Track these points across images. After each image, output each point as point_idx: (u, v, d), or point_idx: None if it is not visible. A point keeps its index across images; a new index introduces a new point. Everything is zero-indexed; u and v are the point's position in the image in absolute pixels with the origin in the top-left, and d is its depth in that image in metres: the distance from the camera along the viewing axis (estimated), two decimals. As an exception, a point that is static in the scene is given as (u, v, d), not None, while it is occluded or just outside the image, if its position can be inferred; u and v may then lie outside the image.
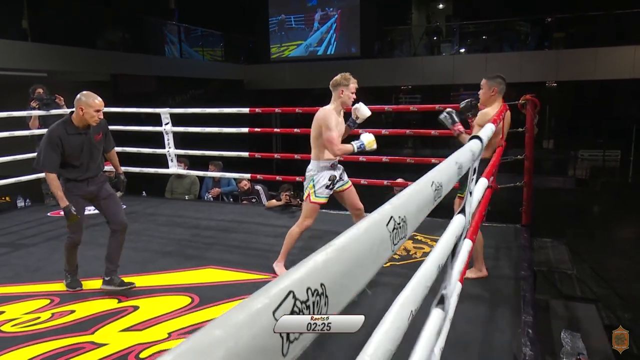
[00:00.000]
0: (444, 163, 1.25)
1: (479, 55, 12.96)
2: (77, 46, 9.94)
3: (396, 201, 0.78)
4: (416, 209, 0.89)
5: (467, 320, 2.57)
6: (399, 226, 0.74)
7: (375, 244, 0.66)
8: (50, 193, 5.81)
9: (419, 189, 0.96)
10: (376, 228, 0.68)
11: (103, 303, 3.05)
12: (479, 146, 1.66)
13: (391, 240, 0.70)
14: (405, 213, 0.79)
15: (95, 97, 3.02)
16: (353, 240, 0.62)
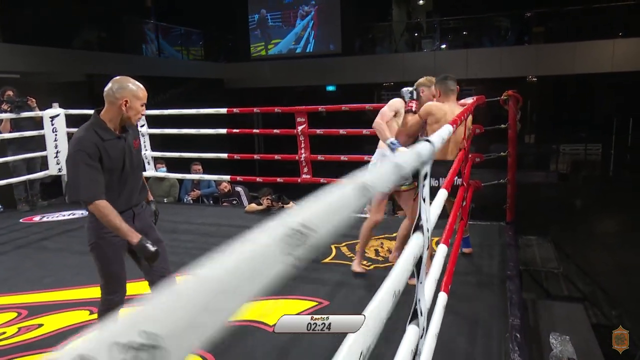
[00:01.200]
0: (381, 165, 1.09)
1: (460, 51, 12.97)
2: (51, 46, 9.66)
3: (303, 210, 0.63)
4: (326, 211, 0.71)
5: (452, 325, 2.49)
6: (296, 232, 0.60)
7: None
8: (23, 198, 5.61)
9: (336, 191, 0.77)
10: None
11: (73, 315, 2.90)
12: (429, 150, 1.52)
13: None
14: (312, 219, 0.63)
15: (140, 85, 2.20)
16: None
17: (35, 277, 3.55)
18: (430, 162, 1.37)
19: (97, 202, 2.03)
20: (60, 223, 5.01)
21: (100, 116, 2.13)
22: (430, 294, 1.70)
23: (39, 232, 4.72)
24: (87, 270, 3.64)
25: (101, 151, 2.06)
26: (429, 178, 1.51)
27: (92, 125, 2.11)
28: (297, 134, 4.71)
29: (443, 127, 2.01)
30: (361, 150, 7.93)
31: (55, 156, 5.65)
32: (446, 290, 2.25)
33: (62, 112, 5.64)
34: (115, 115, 2.12)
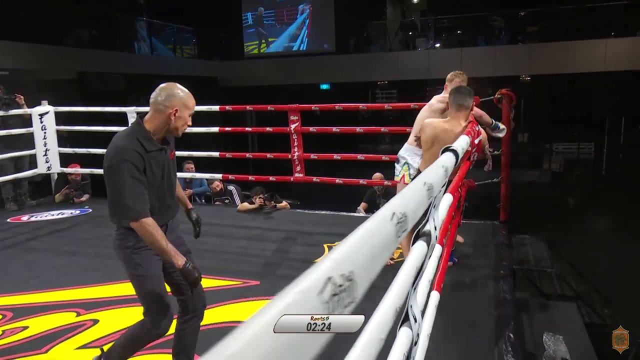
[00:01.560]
0: (411, 187, 1.05)
1: (454, 50, 12.97)
2: (42, 43, 9.55)
3: (337, 255, 0.56)
4: (370, 255, 0.65)
5: (446, 326, 2.46)
6: (340, 289, 0.53)
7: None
8: (11, 197, 5.52)
9: (373, 228, 0.71)
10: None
11: (60, 317, 2.84)
12: (453, 162, 1.50)
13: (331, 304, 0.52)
14: (352, 267, 0.57)
15: (189, 93, 1.99)
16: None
17: (22, 278, 3.48)
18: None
19: (143, 220, 1.84)
20: (49, 223, 4.94)
21: (145, 124, 1.92)
22: (423, 297, 1.66)
23: (27, 232, 4.65)
24: (73, 271, 3.60)
25: (145, 163, 1.88)
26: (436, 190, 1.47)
27: (135, 133, 1.91)
28: (289, 132, 4.66)
29: (461, 137, 1.96)
30: (354, 149, 7.89)
31: (44, 154, 5.57)
32: (439, 289, 2.22)
33: (52, 109, 5.56)
34: (162, 125, 1.92)
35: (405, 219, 0.87)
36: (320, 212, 5.06)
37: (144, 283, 1.98)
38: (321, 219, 4.84)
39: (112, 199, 1.89)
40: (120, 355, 2.14)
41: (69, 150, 5.78)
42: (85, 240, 4.34)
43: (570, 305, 3.02)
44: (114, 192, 1.87)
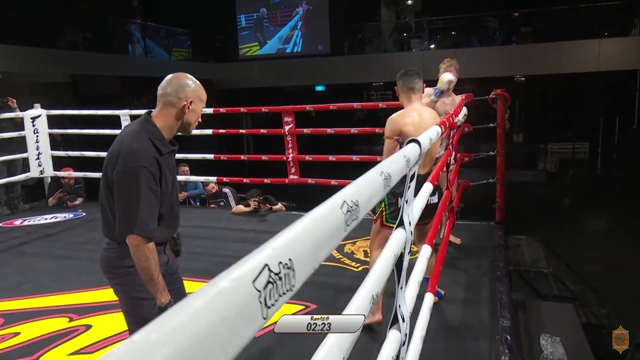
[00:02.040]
0: (365, 176, 1.04)
1: (449, 51, 12.98)
2: (35, 46, 9.49)
3: (277, 242, 0.55)
4: (314, 243, 0.63)
5: (441, 328, 2.44)
6: (276, 277, 0.50)
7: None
8: (4, 201, 5.47)
9: (320, 216, 0.69)
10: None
11: (52, 323, 2.80)
12: (417, 151, 1.46)
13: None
14: (292, 255, 0.55)
15: (200, 84, 1.81)
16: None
17: (14, 283, 3.44)
18: (418, 162, 1.31)
19: (148, 240, 1.60)
20: (42, 227, 4.89)
21: (154, 121, 1.70)
22: (412, 299, 1.64)
23: (20, 236, 4.60)
24: (66, 275, 3.56)
25: (161, 170, 1.65)
26: (415, 179, 1.46)
27: (146, 133, 1.66)
28: (284, 133, 4.63)
29: (431, 129, 1.93)
30: (350, 151, 7.87)
31: (36, 158, 5.52)
32: (433, 291, 2.20)
33: (44, 112, 5.51)
34: (174, 122, 1.70)
35: (357, 207, 0.85)
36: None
37: (145, 307, 1.70)
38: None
39: (122, 207, 1.61)
40: None
41: (62, 154, 5.73)
42: (78, 245, 4.30)
43: (567, 306, 3.01)
44: (126, 200, 1.60)
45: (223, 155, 5.18)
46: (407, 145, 1.32)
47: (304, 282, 0.57)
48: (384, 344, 1.27)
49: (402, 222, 1.32)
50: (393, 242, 1.22)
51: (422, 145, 1.36)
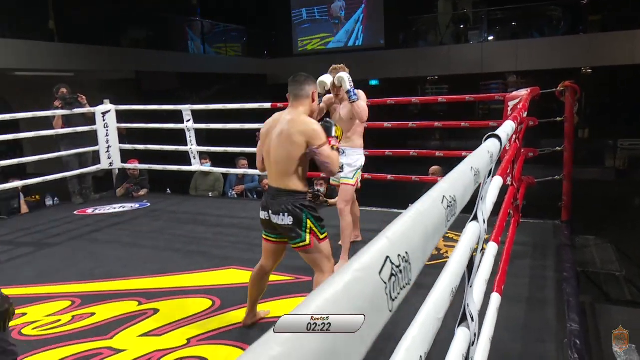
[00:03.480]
0: (457, 171, 1.02)
1: (509, 42, 12.49)
2: (102, 45, 10.01)
3: (392, 235, 0.55)
4: (423, 238, 0.64)
5: (505, 329, 2.37)
6: (398, 270, 0.51)
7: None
8: (77, 191, 5.83)
9: (425, 211, 0.70)
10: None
11: (123, 306, 2.97)
12: (498, 146, 1.44)
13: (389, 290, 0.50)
14: (407, 249, 0.56)
15: None
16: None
17: (87, 267, 3.67)
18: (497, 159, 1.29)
19: None
20: (111, 216, 5.18)
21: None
22: (480, 297, 1.61)
23: (91, 224, 4.90)
24: (134, 262, 3.75)
25: None
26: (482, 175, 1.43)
27: None
28: (340, 128, 4.64)
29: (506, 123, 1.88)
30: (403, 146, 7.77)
31: (106, 151, 5.84)
32: (499, 291, 2.14)
33: (113, 108, 5.82)
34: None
35: (455, 203, 0.85)
36: (372, 209, 5.01)
37: None
38: (372, 216, 4.79)
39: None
40: None
41: (128, 147, 6.04)
42: (144, 234, 4.52)
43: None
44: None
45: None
46: (488, 141, 1.29)
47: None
48: (453, 342, 1.25)
49: (477, 217, 1.30)
50: (468, 235, 1.20)
51: (502, 140, 1.33)
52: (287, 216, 2.28)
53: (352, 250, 3.54)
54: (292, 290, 3.11)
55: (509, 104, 3.91)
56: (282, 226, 2.32)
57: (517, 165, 3.13)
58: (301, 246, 2.34)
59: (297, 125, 2.27)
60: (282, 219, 2.30)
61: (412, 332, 0.73)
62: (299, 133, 2.25)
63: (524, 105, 2.95)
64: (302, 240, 2.31)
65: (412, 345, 0.70)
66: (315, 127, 2.27)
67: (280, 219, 2.30)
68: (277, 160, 2.31)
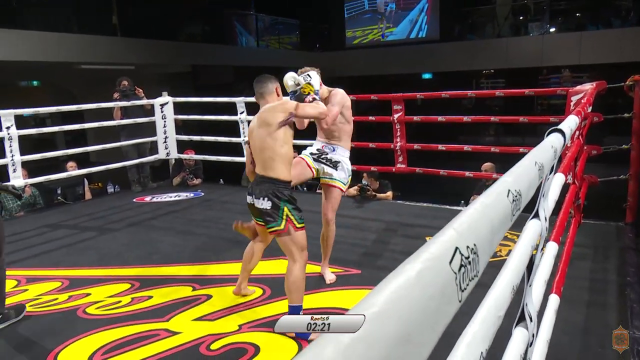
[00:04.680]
0: (521, 165, 0.99)
1: (572, 34, 11.86)
2: (160, 39, 10.38)
3: (459, 226, 0.55)
4: (489, 230, 0.63)
5: (563, 333, 2.28)
6: (467, 261, 0.51)
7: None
8: (135, 180, 6.11)
9: (490, 204, 0.70)
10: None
11: (178, 290, 3.09)
12: (561, 141, 1.38)
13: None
14: (475, 240, 0.55)
15: None
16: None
17: (146, 252, 3.84)
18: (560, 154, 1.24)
19: None
20: (167, 204, 5.39)
21: None
22: (539, 298, 1.55)
23: (149, 211, 5.11)
24: (188, 249, 3.89)
25: None
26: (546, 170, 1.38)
27: None
28: (393, 121, 4.59)
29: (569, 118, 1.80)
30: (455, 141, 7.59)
31: (164, 141, 6.07)
32: (558, 292, 2.06)
33: (171, 100, 6.03)
34: None
35: (520, 197, 0.82)
36: (422, 205, 4.94)
37: None
38: (422, 212, 4.73)
39: None
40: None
41: (184, 138, 6.26)
42: (197, 222, 4.67)
43: None
44: None
45: (331, 143, 5.27)
46: (551, 136, 1.24)
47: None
48: (510, 342, 1.22)
49: (538, 214, 1.25)
50: (529, 232, 1.16)
51: (566, 135, 1.27)
52: (267, 201, 2.47)
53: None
54: (340, 282, 3.13)
55: (572, 98, 3.73)
56: (260, 210, 2.50)
57: (580, 163, 2.98)
58: (275, 230, 2.50)
59: (273, 109, 2.48)
60: (261, 203, 2.49)
61: (473, 328, 0.72)
62: (278, 111, 2.46)
63: (588, 99, 2.80)
64: (277, 225, 2.48)
65: (472, 341, 0.69)
66: (293, 103, 2.52)
67: (260, 203, 2.49)
68: (262, 148, 2.49)
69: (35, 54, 8.11)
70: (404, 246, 3.79)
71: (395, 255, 3.63)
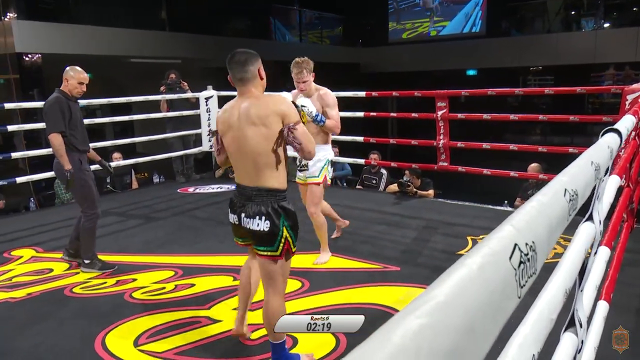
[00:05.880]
0: (577, 164, 0.95)
1: (628, 30, 11.26)
2: (206, 34, 10.60)
3: (517, 223, 0.54)
4: (547, 229, 0.61)
5: (611, 339, 2.19)
6: (526, 258, 0.50)
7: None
8: (180, 171, 6.28)
9: (547, 202, 0.68)
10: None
11: (219, 279, 3.17)
12: (617, 142, 1.32)
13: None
14: (533, 238, 0.54)
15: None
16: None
17: (188, 242, 3.96)
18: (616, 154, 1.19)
19: None
20: (210, 195, 5.52)
21: None
22: (589, 303, 1.50)
23: (192, 202, 5.26)
24: (229, 239, 3.94)
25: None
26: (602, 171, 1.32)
27: None
28: (436, 118, 4.52)
29: (625, 117, 1.72)
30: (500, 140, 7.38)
31: (208, 134, 6.21)
32: (607, 299, 1.98)
33: (215, 94, 6.16)
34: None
35: (576, 197, 0.80)
36: (463, 203, 4.85)
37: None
38: (463, 210, 4.64)
39: None
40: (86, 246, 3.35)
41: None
42: (239, 213, 4.76)
43: None
44: None
45: (372, 138, 5.25)
46: (607, 136, 1.19)
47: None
48: (559, 346, 1.19)
49: (592, 217, 1.21)
50: (582, 235, 1.12)
51: (622, 135, 1.22)
52: (264, 220, 1.99)
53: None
54: (378, 278, 3.12)
55: (628, 97, 3.56)
56: (254, 232, 2.02)
57: (635, 165, 2.84)
58: (269, 255, 2.03)
59: (267, 107, 1.98)
60: (257, 224, 2.00)
61: (524, 329, 0.71)
62: (273, 113, 1.96)
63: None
64: (273, 249, 2.01)
65: (524, 343, 0.68)
66: (289, 103, 2.04)
67: (254, 224, 2.00)
68: (255, 154, 1.99)
69: (89, 47, 8.46)
70: (445, 245, 3.74)
71: (435, 254, 3.58)
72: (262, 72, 2.09)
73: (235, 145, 2.04)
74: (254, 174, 2.02)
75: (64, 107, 3.22)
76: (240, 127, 1.99)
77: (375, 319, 2.58)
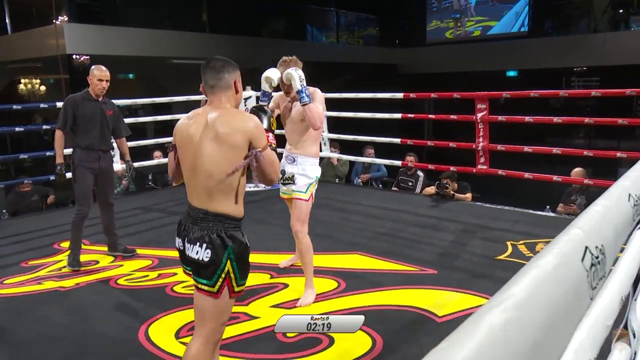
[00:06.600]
0: (637, 169, 0.93)
1: (682, 29, 10.76)
2: (244, 35, 10.78)
3: (584, 225, 0.54)
4: (614, 233, 0.62)
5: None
6: (597, 261, 0.51)
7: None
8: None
9: (612, 206, 0.68)
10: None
11: (258, 277, 3.22)
12: None
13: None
14: (602, 241, 0.55)
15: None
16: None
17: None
18: None
19: None
20: (248, 194, 5.57)
21: None
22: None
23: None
24: (266, 238, 4.03)
25: None
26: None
27: None
28: (475, 120, 4.46)
29: None
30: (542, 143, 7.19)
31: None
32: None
33: (254, 94, 6.26)
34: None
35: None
36: (502, 207, 4.75)
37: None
38: (502, 214, 4.56)
39: None
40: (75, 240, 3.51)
41: (264, 131, 6.47)
42: (275, 213, 4.82)
43: None
44: None
45: (410, 140, 5.22)
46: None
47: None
48: (610, 356, 1.16)
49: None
50: (638, 242, 1.10)
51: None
52: (205, 249, 1.72)
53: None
54: (415, 281, 3.11)
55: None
56: (194, 260, 1.74)
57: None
58: (205, 290, 1.75)
59: (233, 123, 1.73)
60: (196, 251, 1.73)
61: (580, 335, 0.71)
62: (238, 132, 1.72)
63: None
64: (210, 284, 1.73)
65: (579, 348, 0.67)
66: (258, 123, 1.78)
67: (194, 251, 1.73)
68: (209, 173, 1.73)
69: (133, 49, 8.76)
70: (483, 249, 3.68)
71: (474, 258, 3.53)
72: (239, 85, 1.87)
73: (190, 160, 1.78)
74: (204, 195, 1.76)
75: (70, 106, 3.46)
76: (200, 141, 1.74)
77: (412, 322, 2.58)
